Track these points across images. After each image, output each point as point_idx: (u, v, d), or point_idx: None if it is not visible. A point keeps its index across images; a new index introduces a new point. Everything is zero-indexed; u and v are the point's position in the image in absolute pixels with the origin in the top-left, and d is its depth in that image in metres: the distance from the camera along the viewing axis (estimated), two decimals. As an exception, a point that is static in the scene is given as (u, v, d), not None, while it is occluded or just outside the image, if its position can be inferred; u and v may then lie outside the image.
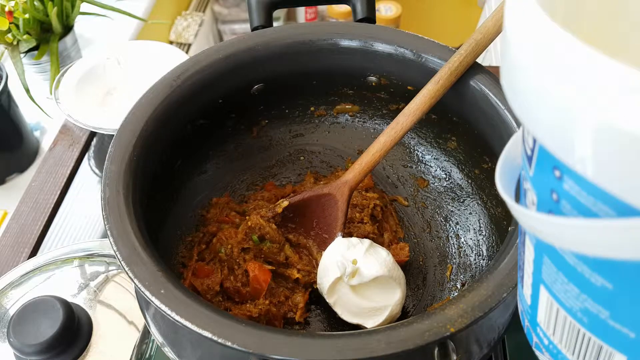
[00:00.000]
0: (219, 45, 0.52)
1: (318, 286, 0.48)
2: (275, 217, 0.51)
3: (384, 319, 0.46)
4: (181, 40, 1.47)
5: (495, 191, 0.51)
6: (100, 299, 0.51)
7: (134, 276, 0.36)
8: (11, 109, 0.77)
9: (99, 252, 0.56)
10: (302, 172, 0.61)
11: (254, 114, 0.58)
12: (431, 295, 0.52)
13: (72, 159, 0.72)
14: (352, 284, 0.45)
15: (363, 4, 0.56)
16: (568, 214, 0.21)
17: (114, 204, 0.40)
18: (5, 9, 0.79)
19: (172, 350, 0.42)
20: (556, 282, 0.25)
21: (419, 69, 0.50)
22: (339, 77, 0.56)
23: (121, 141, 0.44)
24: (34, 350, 0.44)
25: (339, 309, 0.47)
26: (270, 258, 0.50)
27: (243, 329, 0.34)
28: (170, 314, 0.34)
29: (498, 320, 0.43)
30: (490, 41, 0.46)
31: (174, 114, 0.48)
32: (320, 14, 1.78)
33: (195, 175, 0.56)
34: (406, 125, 0.48)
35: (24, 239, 0.63)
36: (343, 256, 0.46)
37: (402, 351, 0.33)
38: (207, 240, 0.53)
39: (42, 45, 0.85)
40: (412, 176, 0.59)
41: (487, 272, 0.37)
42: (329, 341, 0.33)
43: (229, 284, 0.49)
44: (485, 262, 0.50)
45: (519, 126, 0.43)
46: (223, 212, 0.55)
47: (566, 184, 0.21)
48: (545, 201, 0.23)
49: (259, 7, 0.55)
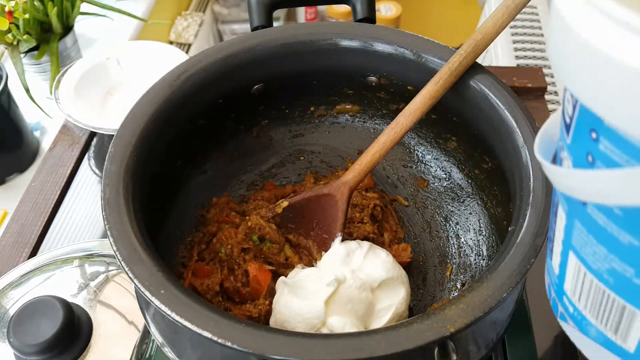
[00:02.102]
0: (219, 45, 0.52)
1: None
2: (275, 217, 0.51)
3: (388, 318, 0.46)
4: (181, 40, 1.47)
5: (495, 191, 0.51)
6: (100, 299, 0.51)
7: (134, 276, 0.36)
8: (11, 109, 0.77)
9: (99, 252, 0.56)
10: (302, 172, 0.61)
11: (254, 114, 0.58)
12: (431, 295, 0.52)
13: (72, 159, 0.72)
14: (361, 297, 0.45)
15: (363, 4, 0.56)
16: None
17: (114, 204, 0.40)
18: (5, 9, 0.79)
19: (172, 350, 0.42)
20: (586, 245, 0.27)
21: (419, 69, 0.50)
22: (339, 77, 0.56)
23: (121, 141, 0.44)
24: (34, 350, 0.44)
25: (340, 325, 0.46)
26: (270, 258, 0.50)
27: (243, 329, 0.34)
28: (170, 314, 0.34)
29: (498, 320, 0.43)
30: (491, 41, 0.46)
31: (174, 114, 0.48)
32: (320, 14, 1.78)
33: (195, 175, 0.56)
34: (406, 126, 0.48)
35: (24, 239, 0.63)
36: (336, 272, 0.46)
37: (402, 351, 0.32)
38: (207, 240, 0.53)
39: (42, 45, 0.85)
40: (412, 176, 0.59)
41: (487, 272, 0.37)
42: (329, 341, 0.33)
43: (228, 284, 0.49)
44: (485, 262, 0.50)
45: (530, 125, 0.44)
46: (223, 212, 0.55)
47: (601, 144, 0.23)
48: (581, 164, 0.25)
49: (259, 7, 0.55)
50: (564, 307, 0.32)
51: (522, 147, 0.43)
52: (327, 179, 0.59)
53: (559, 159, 0.28)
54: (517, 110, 0.45)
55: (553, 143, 0.30)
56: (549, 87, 1.04)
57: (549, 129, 0.30)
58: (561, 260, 0.31)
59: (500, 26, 0.45)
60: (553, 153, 0.30)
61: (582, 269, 0.28)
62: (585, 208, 0.26)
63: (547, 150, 0.30)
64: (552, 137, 0.30)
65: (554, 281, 0.33)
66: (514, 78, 0.77)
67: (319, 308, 0.44)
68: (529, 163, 0.41)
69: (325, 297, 0.44)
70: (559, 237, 0.30)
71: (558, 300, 0.33)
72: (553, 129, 0.30)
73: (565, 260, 0.30)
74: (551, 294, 0.34)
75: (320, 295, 0.44)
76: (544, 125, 0.30)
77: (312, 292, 0.45)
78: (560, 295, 0.32)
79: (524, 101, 0.46)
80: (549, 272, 0.34)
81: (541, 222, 0.38)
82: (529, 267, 0.36)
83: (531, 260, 0.36)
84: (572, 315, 0.32)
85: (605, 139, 0.23)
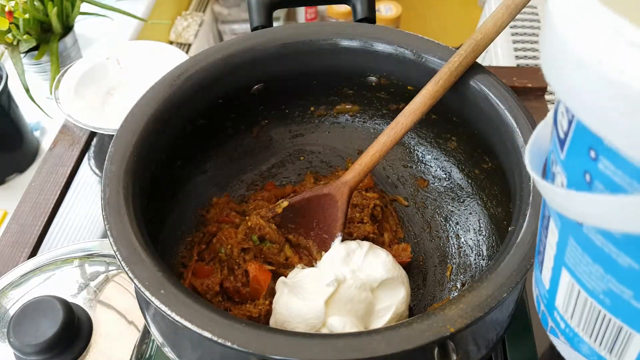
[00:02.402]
0: (219, 45, 0.52)
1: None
2: (275, 217, 0.51)
3: (388, 318, 0.46)
4: (181, 40, 1.47)
5: (495, 191, 0.51)
6: (100, 299, 0.51)
7: (134, 276, 0.36)
8: (11, 109, 0.77)
9: (99, 252, 0.56)
10: (302, 172, 0.61)
11: (254, 114, 0.58)
12: (431, 295, 0.52)
13: (72, 159, 0.72)
14: (361, 297, 0.45)
15: (363, 4, 0.56)
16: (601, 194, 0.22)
17: (114, 204, 0.40)
18: (5, 9, 0.79)
19: (172, 350, 0.42)
20: (580, 264, 0.25)
21: (419, 69, 0.50)
22: (339, 77, 0.56)
23: (121, 141, 0.44)
24: (34, 350, 0.44)
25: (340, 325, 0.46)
26: (270, 258, 0.50)
27: (243, 329, 0.34)
28: (170, 314, 0.34)
29: (498, 320, 0.43)
30: (491, 41, 0.46)
31: (174, 114, 0.48)
32: (320, 14, 1.78)
33: (195, 175, 0.56)
34: (406, 126, 0.48)
35: (24, 239, 0.63)
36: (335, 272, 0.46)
37: (402, 351, 0.32)
38: (207, 240, 0.53)
39: (42, 45, 0.85)
40: (412, 176, 0.59)
41: (487, 272, 0.37)
42: (329, 341, 0.33)
43: (228, 284, 0.49)
44: (485, 262, 0.50)
45: (530, 125, 0.43)
46: (223, 212, 0.55)
47: (601, 164, 0.21)
48: (577, 182, 0.23)
49: (259, 7, 0.55)
50: (555, 322, 0.31)
51: (522, 147, 0.43)
52: (327, 179, 0.59)
53: (550, 172, 0.26)
54: (517, 110, 0.45)
55: (543, 152, 0.28)
56: (549, 87, 1.04)
57: (538, 141, 0.28)
58: (552, 275, 0.29)
59: (500, 26, 0.45)
60: (543, 163, 0.28)
61: (576, 287, 0.27)
62: (581, 227, 0.24)
63: (538, 162, 0.28)
64: (541, 147, 0.28)
65: (544, 295, 0.31)
66: (514, 78, 0.78)
67: (319, 308, 0.44)
68: (529, 163, 0.41)
69: (325, 297, 0.44)
70: (550, 252, 0.29)
71: (548, 315, 0.32)
72: (542, 140, 0.28)
73: (557, 276, 0.28)
74: (540, 307, 0.33)
75: (320, 296, 0.44)
76: (532, 136, 0.28)
77: (312, 292, 0.45)
78: (551, 310, 0.31)
79: (524, 101, 0.46)
80: (537, 285, 0.32)
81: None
82: (529, 267, 0.36)
83: (531, 260, 0.36)
84: (563, 331, 0.30)
85: (605, 158, 0.21)
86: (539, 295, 0.33)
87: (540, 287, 0.32)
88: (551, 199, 0.25)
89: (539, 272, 0.31)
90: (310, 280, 0.46)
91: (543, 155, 0.28)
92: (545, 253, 0.29)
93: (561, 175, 0.25)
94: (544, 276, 0.30)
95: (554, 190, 0.24)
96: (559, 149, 0.24)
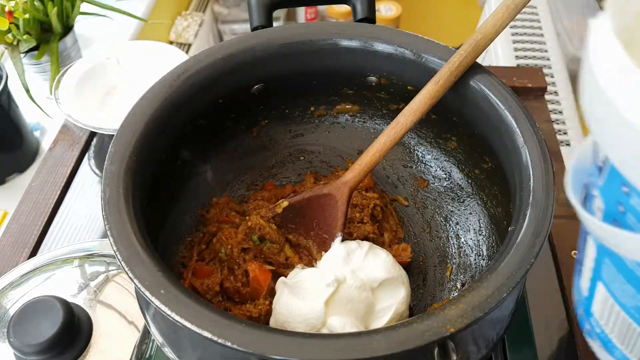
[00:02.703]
0: (219, 45, 0.52)
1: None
2: (275, 217, 0.51)
3: (388, 318, 0.46)
4: (181, 40, 1.47)
5: (495, 191, 0.51)
6: (100, 299, 0.51)
7: (134, 276, 0.36)
8: (11, 109, 0.77)
9: (99, 252, 0.56)
10: (302, 172, 0.61)
11: (254, 114, 0.58)
12: (431, 295, 0.52)
13: (72, 159, 0.72)
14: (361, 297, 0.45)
15: (363, 4, 0.56)
16: (633, 226, 0.23)
17: (114, 204, 0.40)
18: (5, 9, 0.79)
19: (172, 350, 0.42)
20: (614, 282, 0.27)
21: (419, 69, 0.50)
22: (339, 77, 0.56)
23: (121, 141, 0.44)
24: (34, 350, 0.44)
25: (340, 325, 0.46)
26: (270, 258, 0.50)
27: (243, 329, 0.34)
28: (170, 314, 0.34)
29: (498, 320, 0.42)
30: (490, 41, 0.46)
31: (174, 114, 0.48)
32: (320, 14, 1.78)
33: (195, 175, 0.56)
34: (406, 126, 0.48)
35: (24, 239, 0.63)
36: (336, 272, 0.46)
37: (402, 351, 0.32)
38: (207, 240, 0.53)
39: (42, 45, 0.85)
40: (412, 176, 0.59)
41: (487, 272, 0.37)
42: (329, 341, 0.33)
43: (228, 284, 0.49)
44: (485, 262, 0.50)
45: (530, 125, 0.44)
46: (223, 212, 0.55)
47: (633, 200, 0.23)
48: (612, 211, 0.24)
49: (259, 7, 0.55)
50: (591, 326, 0.32)
51: (522, 147, 0.43)
52: (327, 179, 0.59)
53: (590, 195, 0.28)
54: (517, 110, 0.45)
55: (586, 170, 0.29)
56: (549, 87, 1.04)
57: (579, 163, 0.29)
58: (590, 285, 0.31)
59: (500, 26, 0.45)
60: (583, 188, 0.29)
61: (610, 300, 0.28)
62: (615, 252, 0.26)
63: (578, 187, 0.29)
64: (585, 163, 0.28)
65: (582, 300, 0.33)
66: (514, 78, 0.78)
67: (319, 308, 0.44)
68: (529, 163, 0.41)
69: (325, 298, 0.44)
70: (588, 264, 0.30)
71: (585, 319, 0.33)
72: (585, 156, 0.28)
73: (594, 287, 0.30)
74: (579, 310, 0.34)
75: (320, 296, 0.44)
76: (573, 160, 0.29)
77: (312, 292, 0.45)
78: (588, 315, 0.32)
79: (524, 101, 0.46)
80: (577, 290, 0.34)
81: (541, 222, 0.38)
82: (529, 267, 0.36)
83: (531, 260, 0.36)
84: (598, 335, 0.32)
85: (637, 196, 0.22)
86: (577, 300, 0.34)
87: (578, 292, 0.33)
88: (588, 226, 0.26)
89: (579, 278, 0.33)
90: (310, 281, 0.46)
91: (585, 173, 0.29)
92: (584, 263, 0.31)
93: (599, 199, 0.26)
94: (583, 284, 0.32)
95: (591, 220, 0.25)
96: (597, 174, 0.26)
